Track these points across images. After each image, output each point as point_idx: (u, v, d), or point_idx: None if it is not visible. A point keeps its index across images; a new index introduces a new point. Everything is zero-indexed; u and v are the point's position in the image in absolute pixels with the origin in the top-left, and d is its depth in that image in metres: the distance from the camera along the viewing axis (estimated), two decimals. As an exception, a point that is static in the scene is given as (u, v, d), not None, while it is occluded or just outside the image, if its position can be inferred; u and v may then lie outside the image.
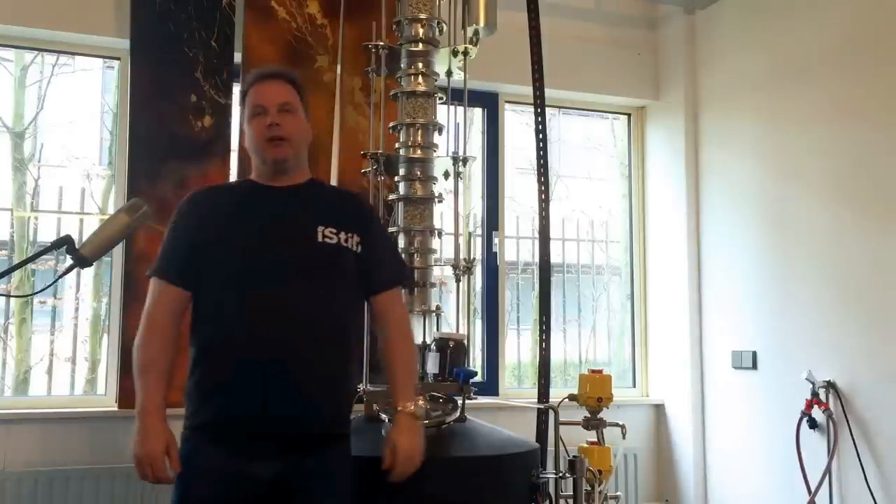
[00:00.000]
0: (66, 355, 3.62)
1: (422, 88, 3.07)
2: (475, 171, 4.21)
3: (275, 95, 2.15)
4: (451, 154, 3.08)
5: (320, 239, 2.11)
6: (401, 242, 3.06)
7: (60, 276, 2.13)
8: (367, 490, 2.45)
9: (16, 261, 3.47)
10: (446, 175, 3.10)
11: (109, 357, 3.55)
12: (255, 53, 3.66)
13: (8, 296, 3.46)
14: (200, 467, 2.02)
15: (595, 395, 2.95)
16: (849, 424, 3.46)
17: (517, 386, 4.31)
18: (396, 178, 3.10)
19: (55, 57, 3.72)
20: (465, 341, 2.94)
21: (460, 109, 3.13)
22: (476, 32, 3.20)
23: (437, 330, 3.02)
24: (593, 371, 3.07)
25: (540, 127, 3.40)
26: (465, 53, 3.12)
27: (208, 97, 3.56)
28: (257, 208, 2.16)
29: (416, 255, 3.02)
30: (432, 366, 2.83)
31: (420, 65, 3.08)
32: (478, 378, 3.31)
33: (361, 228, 2.19)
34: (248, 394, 1.99)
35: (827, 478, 3.50)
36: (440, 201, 3.09)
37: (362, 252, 2.18)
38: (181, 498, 2.04)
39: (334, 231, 2.12)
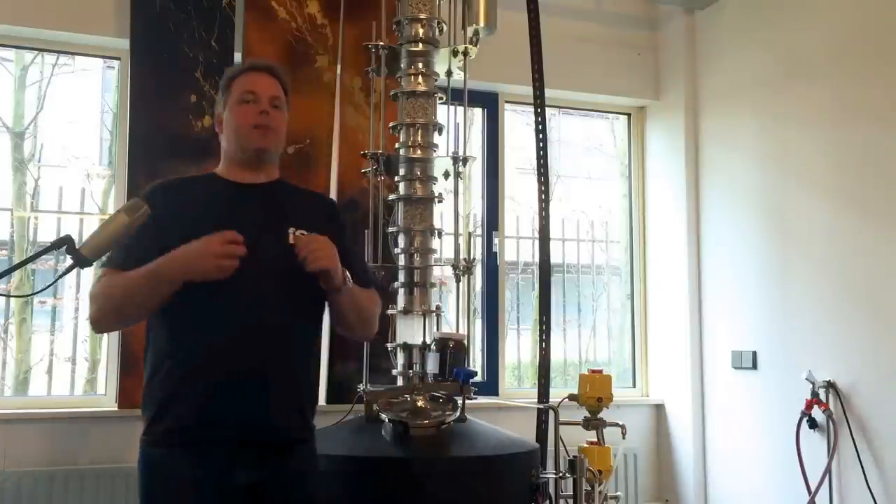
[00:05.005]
0: (66, 355, 3.61)
1: (422, 88, 3.07)
2: (475, 171, 4.21)
3: (268, 88, 2.12)
4: (451, 154, 3.08)
5: (292, 241, 2.03)
6: (401, 242, 3.06)
7: (60, 276, 2.12)
8: (366, 489, 2.45)
9: (16, 261, 3.47)
10: (446, 175, 3.10)
11: (109, 357, 3.54)
12: (255, 53, 3.65)
13: (8, 296, 3.46)
14: (169, 476, 1.93)
15: (595, 395, 2.96)
16: (849, 424, 3.46)
17: (517, 386, 4.31)
18: (396, 178, 3.10)
19: (55, 57, 3.72)
20: (465, 341, 2.94)
21: (460, 109, 3.13)
22: (476, 32, 3.20)
23: (437, 330, 3.02)
24: (593, 371, 3.08)
25: (540, 127, 3.40)
26: (465, 53, 3.12)
27: (208, 97, 3.56)
28: (228, 208, 2.08)
29: (416, 255, 3.03)
30: (432, 366, 2.83)
31: (420, 65, 3.09)
32: (478, 378, 3.30)
33: (331, 230, 2.10)
34: (217, 400, 1.92)
35: (827, 478, 3.50)
36: (440, 201, 3.09)
37: None
38: None
39: (304, 234, 2.04)
